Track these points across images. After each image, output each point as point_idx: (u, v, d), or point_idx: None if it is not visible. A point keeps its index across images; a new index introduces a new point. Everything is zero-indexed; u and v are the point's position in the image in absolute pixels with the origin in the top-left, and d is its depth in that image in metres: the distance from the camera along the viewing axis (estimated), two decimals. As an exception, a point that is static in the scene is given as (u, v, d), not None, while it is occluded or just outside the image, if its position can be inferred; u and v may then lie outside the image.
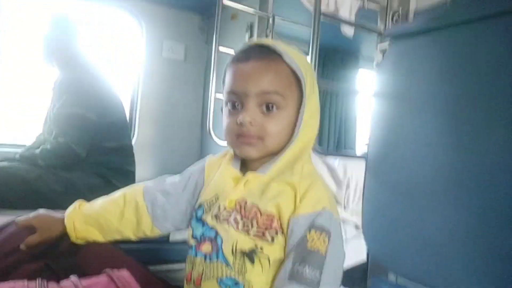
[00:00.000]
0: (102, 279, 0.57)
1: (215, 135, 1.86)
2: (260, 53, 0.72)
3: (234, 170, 0.78)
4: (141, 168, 1.91)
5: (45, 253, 0.80)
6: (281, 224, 0.69)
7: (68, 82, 1.70)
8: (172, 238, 1.50)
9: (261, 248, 0.69)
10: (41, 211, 0.88)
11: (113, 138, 1.77)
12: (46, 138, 1.72)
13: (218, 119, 1.67)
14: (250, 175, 0.75)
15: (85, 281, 0.56)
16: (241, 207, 0.73)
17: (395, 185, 0.90)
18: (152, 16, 2.38)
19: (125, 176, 1.77)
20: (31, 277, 0.62)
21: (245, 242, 0.69)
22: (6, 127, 2.30)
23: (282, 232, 0.69)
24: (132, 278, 0.57)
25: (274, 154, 0.75)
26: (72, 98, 1.66)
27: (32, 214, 0.86)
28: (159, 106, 2.45)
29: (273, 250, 0.69)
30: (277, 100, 0.71)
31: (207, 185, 0.82)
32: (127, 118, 1.94)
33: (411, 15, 1.20)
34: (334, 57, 3.43)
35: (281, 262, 0.69)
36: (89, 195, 0.93)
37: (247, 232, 0.70)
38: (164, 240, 1.47)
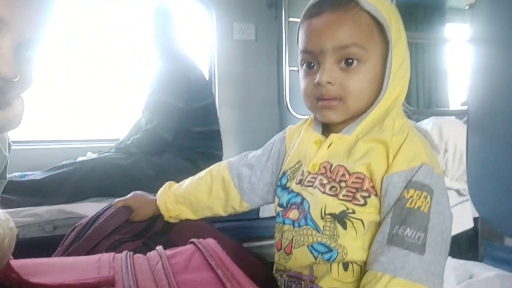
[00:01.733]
0: (187, 248, 0.57)
1: (293, 110, 1.82)
2: (334, 3, 0.65)
3: (315, 134, 0.74)
4: (224, 150, 1.94)
5: (142, 233, 0.84)
6: (373, 185, 0.63)
7: (160, 71, 1.80)
8: (262, 214, 1.51)
9: (353, 211, 0.63)
10: (137, 192, 0.92)
11: (200, 124, 1.84)
12: (141, 124, 1.84)
13: (295, 94, 1.64)
14: (333, 136, 0.70)
15: (170, 251, 0.56)
16: (326, 170, 0.68)
17: (505, 140, 0.79)
18: (220, 0, 2.39)
19: (212, 159, 1.81)
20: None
21: (334, 205, 0.65)
22: (102, 123, 2.50)
23: (376, 194, 0.63)
24: (219, 247, 0.56)
25: (360, 114, 0.68)
26: (161, 87, 1.75)
27: (128, 196, 0.91)
28: (235, 89, 2.46)
29: (366, 213, 0.63)
30: (357, 53, 0.64)
31: (289, 153, 0.79)
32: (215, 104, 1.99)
33: None
34: (417, 13, 3.13)
35: (378, 226, 0.63)
36: (179, 177, 0.96)
37: (336, 195, 0.65)
38: (254, 217, 1.50)
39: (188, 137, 1.80)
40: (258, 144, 0.91)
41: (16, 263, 0.46)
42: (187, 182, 0.91)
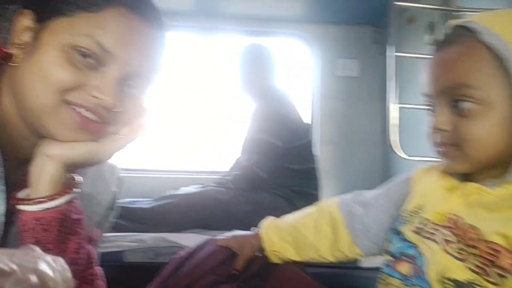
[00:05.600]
0: None
1: (403, 150, 1.68)
2: (453, 37, 0.58)
3: (450, 179, 0.64)
4: (323, 190, 1.88)
5: (238, 275, 0.81)
6: None
7: (260, 111, 1.85)
8: (365, 264, 1.39)
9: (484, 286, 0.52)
10: (237, 232, 0.90)
11: (297, 162, 1.83)
12: (240, 161, 1.90)
13: (403, 132, 1.51)
14: (471, 186, 0.59)
15: None
16: (455, 225, 0.57)
17: None
18: (323, 37, 2.39)
19: (308, 198, 1.77)
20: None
21: (460, 271, 0.54)
22: (205, 155, 2.62)
23: None
24: None
25: (492, 164, 0.57)
26: (261, 126, 1.79)
27: (229, 235, 0.88)
28: (337, 126, 2.41)
29: None
30: (470, 94, 0.54)
31: (412, 195, 0.69)
32: (312, 142, 1.98)
33: None
34: None
35: None
36: (274, 215, 0.93)
37: (463, 260, 0.54)
38: (353, 266, 1.38)
39: (285, 175, 1.80)
40: (359, 184, 0.83)
41: None
42: (292, 216, 0.86)
